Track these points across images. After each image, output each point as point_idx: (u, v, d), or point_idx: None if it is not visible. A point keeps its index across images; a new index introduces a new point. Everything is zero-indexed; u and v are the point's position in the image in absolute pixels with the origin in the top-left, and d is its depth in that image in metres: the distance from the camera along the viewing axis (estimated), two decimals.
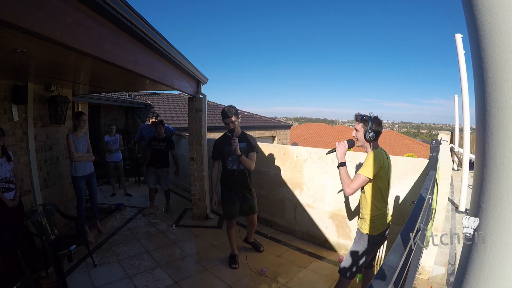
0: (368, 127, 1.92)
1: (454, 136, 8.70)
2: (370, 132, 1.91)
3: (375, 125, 1.93)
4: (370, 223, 1.93)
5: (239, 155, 2.69)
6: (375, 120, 1.94)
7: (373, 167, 1.83)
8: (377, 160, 1.85)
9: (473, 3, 0.51)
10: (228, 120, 2.76)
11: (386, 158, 1.91)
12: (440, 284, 2.56)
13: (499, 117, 0.51)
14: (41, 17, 1.30)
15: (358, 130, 1.97)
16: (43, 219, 2.74)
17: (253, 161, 2.82)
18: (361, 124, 1.96)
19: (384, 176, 1.89)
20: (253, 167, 2.82)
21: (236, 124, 2.79)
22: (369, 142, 1.96)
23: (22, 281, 1.98)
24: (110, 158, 5.47)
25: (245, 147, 2.82)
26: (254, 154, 2.86)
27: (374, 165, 1.84)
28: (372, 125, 1.92)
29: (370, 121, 1.92)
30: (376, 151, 1.90)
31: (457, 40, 4.22)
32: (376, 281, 0.75)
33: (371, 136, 1.92)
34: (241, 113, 12.67)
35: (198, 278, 2.73)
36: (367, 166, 1.85)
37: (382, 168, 1.86)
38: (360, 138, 1.97)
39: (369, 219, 1.95)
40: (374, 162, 1.84)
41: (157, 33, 2.54)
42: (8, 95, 2.93)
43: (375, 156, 1.86)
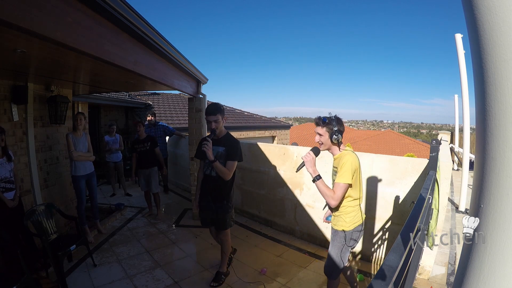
0: (333, 129, 1.84)
1: (454, 136, 8.71)
2: (337, 135, 1.84)
3: (339, 125, 1.86)
4: (343, 220, 1.93)
5: (212, 160, 2.28)
6: (337, 120, 1.87)
7: (351, 172, 1.81)
8: (352, 164, 1.82)
9: (473, 3, 0.51)
10: (212, 117, 2.33)
11: (357, 157, 1.89)
12: (440, 284, 2.56)
13: (499, 117, 0.51)
14: (41, 17, 1.30)
15: (322, 135, 1.88)
16: (43, 219, 2.74)
17: (229, 171, 2.36)
18: (324, 128, 1.87)
19: (356, 175, 1.87)
20: (228, 178, 2.37)
21: (220, 125, 2.40)
22: (336, 144, 1.90)
23: (22, 281, 1.98)
24: (110, 158, 5.46)
25: (223, 153, 2.39)
26: (232, 163, 2.38)
27: (351, 170, 1.81)
28: (337, 126, 1.85)
29: (333, 123, 1.85)
30: (348, 155, 1.86)
31: (457, 40, 4.22)
32: (376, 281, 0.75)
33: (337, 138, 1.84)
34: (240, 113, 12.71)
35: (198, 278, 2.73)
36: (344, 172, 1.81)
37: (356, 169, 1.85)
38: (325, 142, 1.89)
39: (342, 216, 1.94)
40: (351, 167, 1.81)
41: (157, 33, 2.54)
42: (8, 95, 2.93)
43: (349, 160, 1.82)
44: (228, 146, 2.40)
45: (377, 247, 3.01)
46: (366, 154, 3.08)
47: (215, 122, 2.35)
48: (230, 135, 2.51)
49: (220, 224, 2.56)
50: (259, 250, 3.36)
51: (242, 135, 10.93)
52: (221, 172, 2.33)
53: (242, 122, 11.54)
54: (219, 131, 2.42)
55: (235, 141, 2.46)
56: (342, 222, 1.95)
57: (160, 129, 5.86)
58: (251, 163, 4.21)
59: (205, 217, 2.60)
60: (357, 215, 1.95)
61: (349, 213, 1.93)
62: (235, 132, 10.63)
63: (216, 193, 2.47)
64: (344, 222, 1.94)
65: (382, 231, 2.96)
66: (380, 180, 2.93)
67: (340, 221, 1.96)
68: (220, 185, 2.43)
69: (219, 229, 2.60)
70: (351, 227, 1.93)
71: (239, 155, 2.45)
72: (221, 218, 2.53)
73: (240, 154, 2.47)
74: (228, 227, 2.59)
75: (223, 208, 2.49)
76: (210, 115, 2.34)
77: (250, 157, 4.22)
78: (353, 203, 1.93)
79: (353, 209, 1.93)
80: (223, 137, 2.45)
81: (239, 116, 12.33)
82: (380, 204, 2.95)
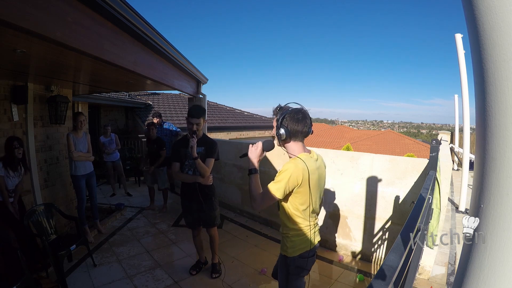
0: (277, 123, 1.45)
1: (454, 136, 8.71)
2: (279, 129, 1.43)
3: (290, 121, 1.43)
4: (287, 243, 1.56)
5: (195, 157, 2.35)
6: (290, 113, 1.43)
7: (285, 185, 1.40)
8: (291, 175, 1.39)
9: (473, 3, 0.51)
10: (195, 120, 2.39)
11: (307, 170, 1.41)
12: (440, 284, 2.56)
13: (499, 117, 0.51)
14: (41, 17, 1.30)
15: (274, 127, 1.51)
16: (43, 219, 2.74)
17: (209, 169, 2.45)
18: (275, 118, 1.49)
19: (304, 192, 1.45)
20: (207, 175, 2.46)
21: (201, 128, 2.47)
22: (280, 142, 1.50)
23: (22, 281, 1.98)
24: (108, 158, 5.50)
25: (203, 152, 2.48)
26: (211, 160, 2.48)
27: (286, 183, 1.40)
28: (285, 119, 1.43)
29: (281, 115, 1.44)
30: (293, 163, 1.42)
31: (457, 40, 4.22)
32: (376, 281, 0.75)
33: (280, 134, 1.44)
34: (240, 113, 12.71)
35: (198, 278, 2.73)
36: (278, 181, 1.41)
37: (298, 185, 1.42)
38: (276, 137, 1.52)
39: (284, 238, 1.58)
40: (285, 178, 1.39)
41: (157, 33, 2.55)
42: (8, 95, 2.93)
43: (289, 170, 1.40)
44: (206, 146, 2.51)
45: (377, 247, 3.01)
46: (366, 154, 3.08)
47: (197, 125, 2.42)
48: (207, 136, 2.64)
49: (209, 221, 2.64)
50: (259, 250, 3.36)
51: (242, 135, 10.93)
52: (203, 169, 2.42)
53: (242, 122, 11.54)
54: (198, 133, 2.49)
55: (213, 141, 2.58)
56: (283, 245, 1.59)
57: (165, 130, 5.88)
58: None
59: (191, 220, 2.66)
60: (304, 239, 1.53)
61: (291, 236, 1.54)
62: (235, 132, 10.63)
63: (203, 192, 2.53)
64: (285, 245, 1.57)
65: (382, 231, 2.97)
66: (380, 180, 2.93)
67: (282, 244, 1.61)
68: (202, 184, 2.51)
69: (209, 226, 2.67)
70: (294, 253, 1.54)
71: (217, 154, 2.57)
72: (211, 215, 2.61)
73: (218, 153, 2.58)
74: (217, 223, 2.69)
75: (212, 205, 2.60)
76: (193, 117, 2.40)
77: None
78: (296, 224, 1.52)
79: (298, 233, 1.53)
80: (201, 138, 2.54)
81: (239, 116, 12.33)
82: (380, 204, 2.95)
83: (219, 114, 11.48)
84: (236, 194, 4.55)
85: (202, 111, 2.50)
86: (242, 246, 3.43)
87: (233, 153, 4.45)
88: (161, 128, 5.67)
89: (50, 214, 2.84)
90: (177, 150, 2.53)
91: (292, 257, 1.55)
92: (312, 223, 1.56)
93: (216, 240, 2.74)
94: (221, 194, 4.59)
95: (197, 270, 2.79)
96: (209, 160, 2.49)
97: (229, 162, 4.51)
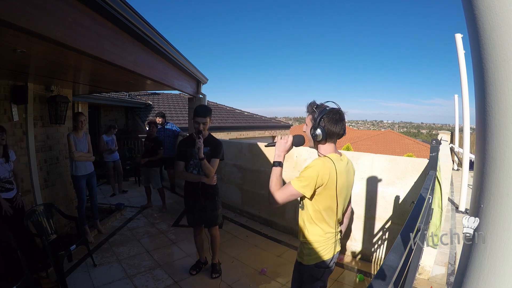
0: (315, 122, 1.37)
1: (454, 136, 8.71)
2: (316, 129, 1.36)
3: (328, 122, 1.35)
4: (304, 250, 1.48)
5: (201, 158, 2.36)
6: (329, 113, 1.35)
7: (311, 181, 1.33)
8: (318, 173, 1.32)
9: (473, 3, 0.51)
10: (201, 119, 2.42)
11: (334, 170, 1.35)
12: (440, 284, 2.56)
13: (499, 117, 0.51)
14: (41, 17, 1.30)
15: (307, 125, 1.44)
16: (43, 219, 2.74)
17: (213, 169, 2.48)
18: (310, 117, 1.41)
19: (329, 194, 1.37)
20: (212, 175, 2.48)
21: (207, 127, 2.50)
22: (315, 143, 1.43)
23: (22, 281, 1.98)
24: (109, 158, 5.52)
25: (208, 152, 2.49)
26: (216, 161, 2.51)
27: (312, 179, 1.32)
28: (322, 120, 1.35)
29: (319, 115, 1.35)
30: (321, 160, 1.37)
31: (457, 40, 4.22)
32: (376, 281, 0.75)
33: (315, 135, 1.37)
34: (240, 113, 12.72)
35: (198, 278, 2.73)
36: (302, 177, 1.35)
37: (324, 184, 1.34)
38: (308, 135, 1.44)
39: (303, 244, 1.49)
40: (313, 175, 1.32)
41: (157, 33, 2.55)
42: (8, 95, 2.93)
43: (317, 167, 1.34)
44: (212, 146, 2.53)
45: (377, 247, 3.01)
46: (366, 154, 3.08)
47: (203, 124, 2.44)
48: (213, 136, 2.64)
49: (211, 220, 2.65)
50: (259, 250, 3.36)
51: (242, 135, 10.93)
52: (208, 169, 2.43)
53: (242, 122, 11.54)
54: (204, 133, 2.50)
55: (218, 141, 2.59)
56: (300, 251, 1.51)
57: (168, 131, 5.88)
58: (251, 163, 4.20)
59: (193, 219, 2.67)
60: (323, 247, 1.43)
61: (310, 242, 1.44)
62: (235, 132, 10.63)
63: (207, 191, 2.55)
64: (301, 252, 1.49)
65: (382, 231, 2.97)
66: (380, 180, 2.93)
67: (299, 250, 1.53)
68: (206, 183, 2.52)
69: (211, 225, 2.67)
70: (311, 261, 1.44)
71: (222, 154, 2.60)
72: (213, 215, 2.63)
73: (223, 153, 2.62)
74: (219, 222, 2.71)
75: (214, 204, 2.62)
76: (200, 116, 2.43)
77: (250, 157, 4.22)
78: (317, 229, 1.43)
79: (317, 239, 1.43)
80: (207, 138, 2.54)
81: (239, 116, 12.33)
82: (380, 204, 2.95)
83: (219, 114, 11.48)
84: (236, 194, 4.55)
85: (208, 110, 2.51)
86: (242, 246, 3.43)
87: (233, 153, 4.45)
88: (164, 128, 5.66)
89: (50, 214, 2.84)
90: (182, 149, 2.54)
91: (308, 265, 1.46)
92: (334, 232, 1.46)
93: (217, 239, 2.76)
94: (221, 194, 4.56)
95: (197, 270, 2.79)
96: (214, 161, 2.50)
97: (229, 162, 4.51)
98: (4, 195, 2.54)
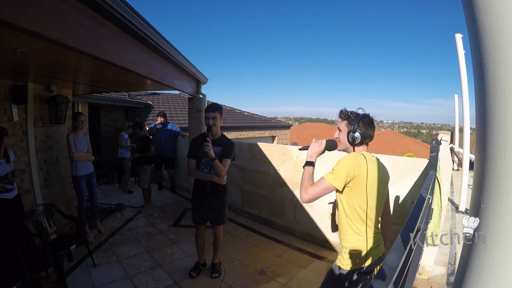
0: (353, 126, 1.50)
1: (454, 136, 8.70)
2: (355, 133, 1.49)
3: (363, 126, 1.49)
4: (343, 252, 1.49)
5: (213, 158, 2.41)
6: (364, 118, 1.50)
7: (343, 173, 1.40)
8: (350, 165, 1.40)
9: (473, 3, 0.51)
10: (210, 114, 2.48)
11: (365, 165, 1.42)
12: (440, 284, 2.56)
13: (499, 117, 0.51)
14: (41, 17, 1.30)
15: (341, 130, 1.56)
16: (43, 219, 2.74)
17: (225, 168, 2.53)
18: (345, 122, 1.55)
19: (362, 190, 1.42)
20: (223, 174, 2.54)
21: (217, 124, 2.53)
22: (353, 146, 1.54)
23: (22, 281, 1.98)
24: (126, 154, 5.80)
25: (220, 152, 2.53)
26: (228, 161, 2.57)
27: (343, 170, 1.40)
28: (359, 124, 1.49)
29: (356, 120, 1.49)
30: (351, 155, 1.46)
31: (457, 40, 4.22)
32: (376, 281, 0.75)
33: (355, 137, 1.49)
34: (240, 113, 12.71)
35: (198, 278, 2.73)
36: (335, 170, 1.43)
37: (356, 177, 1.40)
38: (342, 139, 1.56)
39: (343, 245, 1.51)
40: (345, 167, 1.40)
41: (157, 33, 2.55)
42: (8, 95, 2.93)
43: (349, 159, 1.42)
44: (224, 146, 2.57)
45: None
46: None
47: (213, 118, 2.49)
48: (225, 137, 2.68)
49: (218, 219, 2.69)
50: (259, 250, 3.36)
51: (242, 135, 10.93)
52: (219, 169, 2.48)
53: (242, 122, 11.53)
54: (216, 132, 2.56)
55: (230, 142, 2.64)
56: (339, 254, 1.52)
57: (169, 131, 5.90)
58: (251, 163, 4.20)
59: (198, 216, 2.70)
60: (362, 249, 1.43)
61: (352, 243, 1.45)
62: (235, 132, 10.62)
63: (216, 190, 2.59)
64: (341, 256, 1.50)
65: None
66: None
67: (340, 253, 1.53)
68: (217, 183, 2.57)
69: (217, 223, 2.71)
70: (347, 266, 1.44)
71: (234, 155, 2.65)
72: (220, 214, 2.67)
73: (235, 154, 2.66)
74: (225, 221, 2.76)
75: (222, 203, 2.66)
76: (209, 111, 2.51)
77: (250, 157, 4.22)
78: (354, 228, 1.45)
79: (360, 239, 1.43)
80: (219, 138, 2.61)
81: (239, 116, 12.33)
82: None
83: None
84: (236, 194, 4.55)
85: (218, 106, 2.58)
86: (242, 246, 3.43)
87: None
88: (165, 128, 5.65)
89: (50, 214, 2.84)
90: (195, 147, 2.58)
91: (345, 270, 1.45)
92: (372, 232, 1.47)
93: (220, 239, 2.78)
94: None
95: (197, 272, 2.79)
96: (226, 161, 2.55)
97: None
98: (5, 195, 2.54)
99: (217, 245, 2.79)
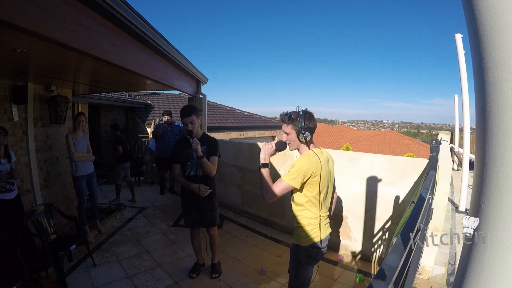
0: (300, 126, 1.60)
1: (454, 136, 8.70)
2: (305, 132, 1.60)
3: (307, 122, 1.61)
4: (300, 232, 1.71)
5: (201, 156, 2.36)
6: (305, 116, 1.62)
7: (297, 175, 1.56)
8: (304, 168, 1.56)
9: (473, 3, 0.51)
10: (187, 119, 2.39)
11: (319, 161, 1.60)
12: (440, 284, 2.56)
13: (499, 117, 0.51)
14: (41, 17, 1.30)
15: (289, 133, 1.66)
16: (43, 219, 2.74)
17: (214, 166, 2.50)
18: (290, 126, 1.64)
19: (316, 183, 1.60)
20: (215, 173, 2.51)
21: (196, 125, 2.46)
22: (306, 144, 1.67)
23: (22, 281, 1.98)
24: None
25: (205, 151, 2.47)
26: (215, 158, 2.52)
27: (298, 173, 1.56)
28: (304, 123, 1.60)
29: (300, 119, 1.60)
30: (305, 157, 1.61)
31: (457, 40, 4.22)
32: (376, 281, 0.75)
33: (305, 136, 1.61)
34: (240, 113, 12.70)
35: (198, 278, 2.73)
36: (293, 172, 1.58)
37: (312, 176, 1.58)
38: (293, 141, 1.67)
39: (297, 228, 1.73)
40: (299, 170, 1.56)
41: (157, 33, 2.55)
42: (8, 95, 2.93)
43: (302, 163, 1.58)
44: (208, 145, 2.52)
45: (377, 247, 3.01)
46: (366, 154, 3.08)
47: (191, 123, 2.41)
48: (207, 135, 2.65)
49: (210, 222, 2.65)
50: (259, 250, 3.36)
51: (242, 135, 10.92)
52: (208, 167, 2.44)
53: (242, 122, 11.53)
54: (196, 132, 2.47)
55: (213, 139, 2.60)
56: (296, 235, 1.74)
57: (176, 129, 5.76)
58: (251, 163, 4.20)
59: (191, 220, 2.66)
60: (315, 230, 1.67)
61: (304, 226, 1.69)
62: (235, 132, 10.62)
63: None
64: (298, 235, 1.72)
65: (382, 231, 2.97)
66: (380, 180, 2.93)
67: (295, 234, 1.76)
68: (208, 184, 2.51)
69: (209, 226, 2.68)
70: (306, 242, 1.68)
71: (219, 152, 2.60)
72: (212, 215, 2.63)
73: (219, 151, 2.61)
74: (217, 223, 2.72)
75: (212, 205, 2.62)
76: (185, 117, 2.40)
77: (250, 157, 4.22)
78: (309, 214, 1.67)
79: (310, 222, 1.67)
80: (201, 137, 2.53)
81: (239, 116, 12.33)
82: (380, 204, 2.95)
83: (219, 114, 11.48)
84: (236, 194, 4.55)
85: (192, 108, 2.46)
86: (242, 246, 3.43)
87: (233, 153, 4.45)
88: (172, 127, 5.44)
89: (50, 214, 2.84)
90: (178, 151, 2.51)
91: (304, 246, 1.69)
92: (323, 215, 1.71)
93: (216, 240, 2.75)
94: (221, 194, 4.58)
95: (197, 273, 2.78)
96: (213, 158, 2.52)
97: (229, 162, 4.51)
98: (5, 195, 2.54)
99: (213, 247, 2.77)
